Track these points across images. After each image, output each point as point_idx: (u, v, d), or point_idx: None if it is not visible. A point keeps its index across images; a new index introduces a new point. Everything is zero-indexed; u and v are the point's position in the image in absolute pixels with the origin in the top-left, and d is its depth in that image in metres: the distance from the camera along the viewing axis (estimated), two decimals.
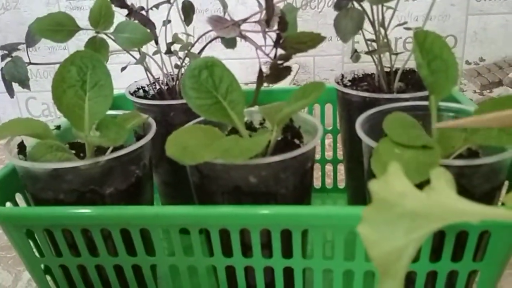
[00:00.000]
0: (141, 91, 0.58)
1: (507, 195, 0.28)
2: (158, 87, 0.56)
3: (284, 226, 0.35)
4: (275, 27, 0.40)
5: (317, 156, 0.64)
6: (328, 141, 0.64)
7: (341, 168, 0.65)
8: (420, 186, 0.26)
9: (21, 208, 0.42)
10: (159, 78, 0.57)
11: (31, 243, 0.40)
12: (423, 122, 0.40)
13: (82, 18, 0.88)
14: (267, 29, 0.39)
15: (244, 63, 0.88)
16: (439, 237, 0.35)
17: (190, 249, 0.38)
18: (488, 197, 0.36)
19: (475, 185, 0.35)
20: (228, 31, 0.39)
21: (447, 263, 0.36)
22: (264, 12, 0.47)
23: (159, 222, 0.37)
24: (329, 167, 0.65)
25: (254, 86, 0.88)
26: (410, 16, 0.79)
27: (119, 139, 0.37)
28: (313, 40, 0.39)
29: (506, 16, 0.79)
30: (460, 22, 0.80)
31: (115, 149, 0.40)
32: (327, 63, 0.86)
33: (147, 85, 0.58)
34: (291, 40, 0.39)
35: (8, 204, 0.42)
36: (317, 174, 0.66)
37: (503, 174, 0.36)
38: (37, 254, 0.41)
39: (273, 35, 0.42)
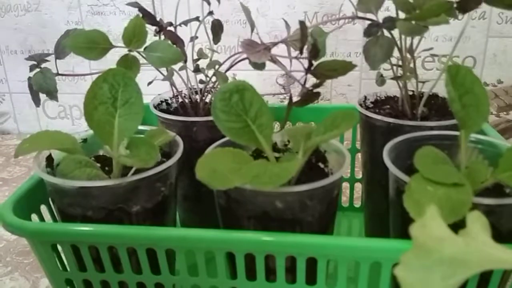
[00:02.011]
0: (164, 104, 0.58)
1: None
2: (181, 100, 0.56)
3: (309, 255, 0.36)
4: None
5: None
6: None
7: (356, 186, 0.65)
8: (454, 224, 0.26)
9: (49, 224, 0.42)
10: (182, 91, 0.58)
11: (55, 256, 0.41)
12: (449, 152, 0.40)
13: (103, 24, 0.89)
14: (298, 56, 0.39)
15: (262, 74, 0.88)
16: None
17: (214, 269, 0.39)
18: None
19: (504, 223, 0.35)
20: (260, 55, 0.40)
21: None
22: (290, 31, 0.47)
23: (185, 245, 0.37)
24: (345, 185, 0.66)
25: (270, 97, 0.88)
26: (430, 36, 0.79)
27: (150, 160, 0.37)
28: (344, 68, 0.40)
29: None
30: (480, 44, 0.80)
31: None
32: (345, 78, 0.86)
33: (171, 98, 0.58)
34: (323, 67, 0.39)
35: (33, 216, 0.43)
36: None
37: None
38: (60, 267, 0.41)
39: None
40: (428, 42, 0.80)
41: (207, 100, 0.55)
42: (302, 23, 0.37)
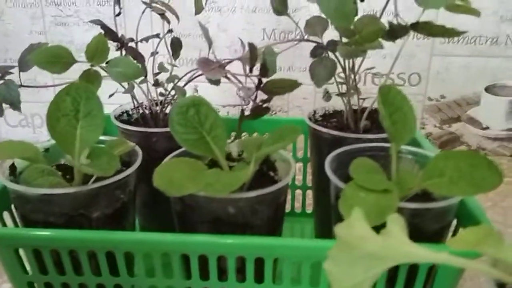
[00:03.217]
0: (125, 115, 0.61)
1: (452, 239, 0.33)
2: (142, 111, 0.59)
3: (258, 255, 0.39)
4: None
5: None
6: (299, 165, 0.69)
7: (309, 193, 0.69)
8: (379, 226, 0.30)
9: (12, 229, 0.44)
10: (142, 103, 0.60)
11: (17, 260, 0.43)
12: (385, 161, 0.45)
13: (66, 34, 0.91)
14: (249, 74, 0.43)
15: (222, 86, 0.92)
16: (394, 268, 0.39)
17: (170, 271, 0.41)
18: (439, 235, 0.41)
19: (427, 224, 0.40)
20: (215, 72, 0.43)
21: None
22: (246, 49, 0.51)
23: (143, 248, 0.40)
24: (298, 192, 0.70)
25: (230, 108, 0.91)
26: (379, 54, 0.85)
27: (111, 169, 0.40)
28: (290, 86, 0.44)
29: (467, 59, 0.86)
30: (425, 62, 0.87)
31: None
32: (301, 91, 0.91)
33: (132, 110, 0.61)
34: (271, 85, 0.43)
35: None
36: (287, 198, 0.70)
37: (451, 215, 0.41)
38: (22, 270, 0.43)
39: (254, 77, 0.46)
40: (376, 59, 0.86)
41: (167, 111, 0.58)
42: (251, 46, 0.41)
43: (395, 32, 0.39)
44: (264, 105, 0.45)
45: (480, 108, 0.90)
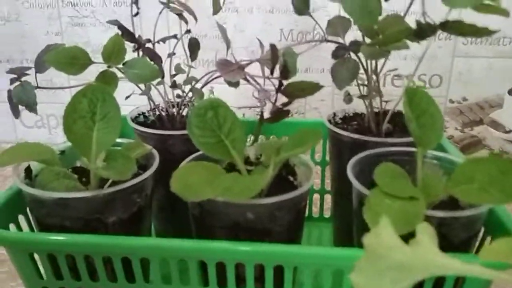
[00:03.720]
0: (141, 116, 0.60)
1: (483, 249, 0.31)
2: (158, 113, 0.58)
3: (277, 263, 0.38)
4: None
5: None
6: (317, 169, 0.67)
7: (327, 197, 0.67)
8: (407, 236, 0.29)
9: (27, 233, 0.43)
10: (159, 104, 0.59)
11: (32, 265, 0.42)
12: (409, 167, 0.43)
13: (83, 35, 0.90)
14: (270, 76, 0.42)
15: (239, 88, 0.91)
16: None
17: (186, 277, 0.40)
18: (466, 244, 0.40)
19: (454, 233, 0.38)
20: (234, 74, 0.42)
21: None
22: (264, 50, 0.50)
23: (160, 254, 0.39)
24: (316, 196, 0.68)
25: (246, 110, 0.91)
26: (399, 55, 0.83)
27: (127, 172, 0.39)
28: (312, 88, 0.42)
29: (490, 60, 0.84)
30: (446, 63, 0.85)
31: None
32: (318, 93, 0.89)
33: (148, 111, 0.60)
34: (292, 88, 0.42)
35: (11, 226, 0.44)
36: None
37: (480, 224, 0.39)
38: (37, 275, 0.43)
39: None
40: (397, 61, 0.84)
41: (184, 113, 0.57)
42: (273, 47, 0.39)
43: (423, 31, 0.37)
44: (285, 108, 0.44)
45: (503, 110, 0.87)
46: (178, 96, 0.56)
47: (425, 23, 0.37)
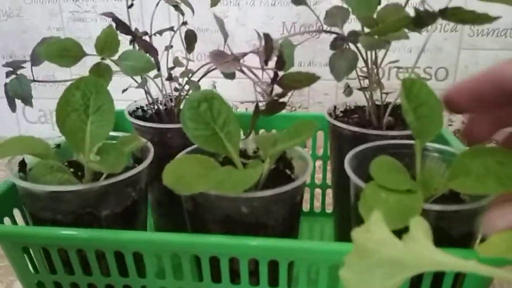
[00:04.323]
0: (139, 110, 0.59)
1: (481, 244, 0.30)
2: (156, 107, 0.58)
3: (271, 257, 0.37)
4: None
5: (307, 180, 0.66)
6: (318, 163, 0.66)
7: (329, 192, 0.66)
8: (401, 231, 0.28)
9: (19, 227, 0.43)
10: (157, 99, 0.59)
11: (27, 259, 0.42)
12: (410, 160, 0.42)
13: (84, 30, 0.90)
14: (265, 67, 0.41)
15: (242, 82, 0.89)
16: (418, 275, 0.36)
17: (180, 272, 0.40)
18: (467, 239, 0.39)
19: (454, 227, 0.37)
20: (228, 66, 0.41)
21: None
22: (263, 43, 0.49)
23: (152, 248, 0.38)
24: (318, 190, 0.67)
25: (249, 105, 0.90)
26: (404, 47, 0.81)
27: (119, 165, 0.38)
28: (308, 80, 0.41)
29: (497, 52, 0.82)
30: (452, 56, 0.83)
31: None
32: (322, 87, 0.89)
33: (146, 105, 0.59)
34: (288, 79, 0.41)
35: (6, 219, 0.44)
36: (306, 197, 0.68)
37: (480, 218, 0.38)
38: (31, 269, 0.42)
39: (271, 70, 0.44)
40: (402, 53, 0.82)
41: (182, 107, 0.56)
42: (266, 37, 0.38)
43: (422, 20, 0.36)
44: (280, 100, 0.43)
45: None
46: (176, 89, 0.55)
47: (423, 10, 0.36)
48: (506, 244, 0.29)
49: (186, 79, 0.50)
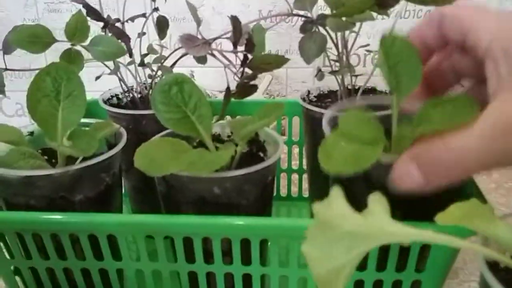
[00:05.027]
0: (114, 98, 0.59)
1: (440, 214, 0.31)
2: (131, 95, 0.58)
3: (243, 236, 0.38)
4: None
5: (284, 165, 0.67)
6: (296, 149, 0.67)
7: (306, 177, 0.68)
8: (360, 206, 0.29)
9: None
10: (132, 86, 0.59)
11: (2, 245, 0.42)
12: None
13: (59, 20, 0.89)
14: (235, 50, 0.41)
15: (219, 71, 0.90)
16: (385, 248, 0.38)
17: (155, 254, 0.40)
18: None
19: None
20: (199, 49, 0.42)
21: (392, 273, 0.39)
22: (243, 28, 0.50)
23: (126, 230, 0.39)
24: (295, 176, 0.68)
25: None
26: (379, 33, 0.82)
27: (90, 149, 0.39)
28: (277, 61, 0.42)
29: None
30: None
31: (86, 157, 0.41)
32: (299, 75, 0.89)
33: (121, 93, 0.59)
34: (257, 61, 0.42)
35: None
36: (283, 183, 0.69)
37: None
38: (7, 255, 0.43)
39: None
40: (376, 40, 0.83)
41: None
42: (234, 19, 0.39)
43: (385, 1, 0.37)
44: (251, 83, 0.43)
45: None
46: (150, 76, 0.55)
47: None
48: (461, 213, 0.30)
49: (159, 65, 0.51)
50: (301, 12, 0.47)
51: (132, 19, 0.51)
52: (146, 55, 0.53)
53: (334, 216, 0.27)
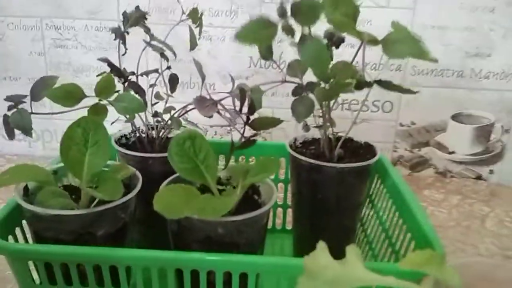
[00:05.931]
0: (123, 138, 0.66)
1: (403, 260, 0.39)
2: (139, 135, 0.65)
3: (242, 270, 0.46)
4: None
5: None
6: (280, 185, 0.75)
7: (289, 211, 0.76)
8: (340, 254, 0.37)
9: (28, 245, 0.50)
10: (139, 127, 0.66)
11: (29, 272, 0.48)
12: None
13: (64, 56, 0.96)
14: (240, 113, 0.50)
15: None
16: None
17: (165, 282, 0.47)
18: None
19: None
20: (209, 109, 0.50)
21: None
22: (234, 84, 0.58)
23: (143, 263, 0.46)
24: (280, 210, 0.76)
25: (218, 128, 0.97)
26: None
27: (117, 194, 0.46)
28: (273, 122, 0.51)
29: (436, 89, 0.95)
30: None
31: None
32: (283, 115, 0.98)
33: (129, 133, 0.67)
34: (258, 122, 0.50)
35: (9, 237, 0.50)
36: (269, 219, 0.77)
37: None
38: (36, 282, 0.49)
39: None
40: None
41: (161, 135, 0.64)
42: (241, 90, 0.47)
43: (362, 85, 0.46)
44: (252, 138, 0.52)
45: (446, 134, 0.98)
46: (157, 121, 0.63)
47: (363, 81, 0.46)
48: (419, 260, 0.38)
49: (168, 114, 0.58)
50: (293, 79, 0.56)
51: (147, 74, 0.59)
52: (156, 103, 0.61)
53: (319, 267, 0.35)
